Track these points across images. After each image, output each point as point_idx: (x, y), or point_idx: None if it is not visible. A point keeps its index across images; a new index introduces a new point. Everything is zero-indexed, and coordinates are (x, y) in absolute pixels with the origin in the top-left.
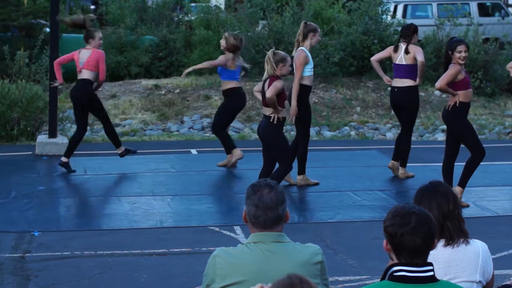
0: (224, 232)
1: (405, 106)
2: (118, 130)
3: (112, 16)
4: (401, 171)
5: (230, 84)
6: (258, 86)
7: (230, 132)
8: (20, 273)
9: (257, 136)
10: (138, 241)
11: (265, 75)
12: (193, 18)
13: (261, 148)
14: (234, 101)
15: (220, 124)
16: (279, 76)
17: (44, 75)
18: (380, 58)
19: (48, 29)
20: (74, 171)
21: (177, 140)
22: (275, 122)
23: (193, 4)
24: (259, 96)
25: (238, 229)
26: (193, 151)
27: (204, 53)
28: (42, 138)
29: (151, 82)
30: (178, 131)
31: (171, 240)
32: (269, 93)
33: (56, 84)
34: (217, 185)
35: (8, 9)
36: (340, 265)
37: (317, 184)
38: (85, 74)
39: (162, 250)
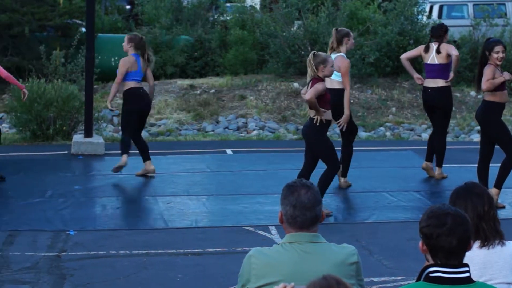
0: (259, 232)
1: (440, 106)
2: (153, 129)
3: (148, 16)
4: (437, 171)
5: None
6: (305, 89)
7: (265, 132)
8: (56, 272)
9: (292, 136)
10: (173, 241)
11: (308, 77)
12: (228, 18)
13: (303, 149)
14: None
15: (123, 128)
16: (322, 77)
17: (79, 75)
18: (410, 57)
19: (83, 29)
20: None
21: (212, 140)
22: (317, 124)
23: (228, 4)
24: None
25: (273, 229)
26: (228, 151)
27: (239, 53)
28: (77, 137)
29: (187, 82)
30: (213, 131)
31: (206, 240)
32: (308, 95)
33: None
34: (252, 185)
35: (44, 9)
36: (375, 266)
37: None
38: None
39: (197, 250)
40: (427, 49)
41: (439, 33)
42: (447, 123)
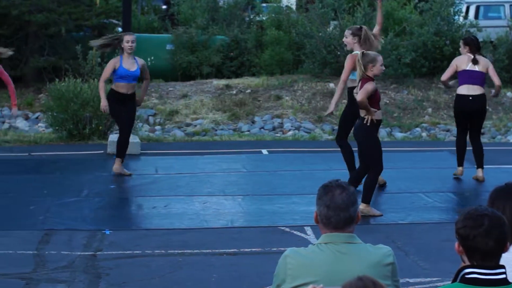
0: (295, 232)
1: (480, 113)
2: (189, 129)
3: (184, 16)
4: (481, 173)
5: None
6: (356, 88)
7: (301, 132)
8: (92, 271)
9: (328, 137)
10: (209, 241)
11: (358, 77)
12: (264, 18)
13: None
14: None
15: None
16: (371, 77)
17: None
18: (449, 76)
19: (120, 29)
20: None
21: (248, 140)
22: (368, 124)
23: (264, 4)
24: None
25: (308, 229)
26: (264, 151)
27: (275, 53)
28: (113, 137)
29: (222, 82)
30: (249, 131)
31: (241, 240)
32: (359, 96)
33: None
34: (288, 185)
35: (81, 9)
36: (411, 267)
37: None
38: None
39: (232, 250)
40: (462, 58)
41: (477, 45)
42: (482, 125)
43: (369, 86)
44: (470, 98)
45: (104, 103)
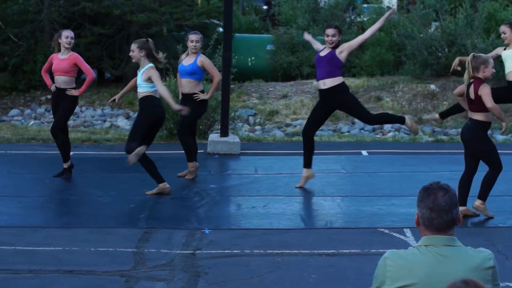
0: (394, 234)
1: None
2: (289, 130)
3: (285, 16)
4: None
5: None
6: (459, 89)
7: (401, 134)
8: (191, 270)
9: (428, 139)
10: (308, 241)
11: (466, 79)
12: (365, 19)
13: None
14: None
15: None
16: (482, 78)
17: None
18: None
19: (221, 29)
20: None
21: (348, 141)
22: (504, 131)
23: (365, 5)
24: (459, 99)
25: (408, 231)
26: (364, 153)
27: (376, 54)
28: (213, 136)
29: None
30: (348, 132)
31: (340, 241)
32: (489, 103)
33: None
34: (387, 187)
35: (182, 9)
36: (511, 271)
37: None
38: None
39: (331, 251)
40: None
41: None
42: None
43: (487, 89)
44: None
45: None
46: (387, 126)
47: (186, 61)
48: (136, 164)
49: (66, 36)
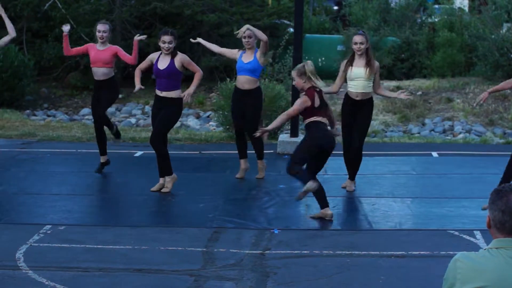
0: (464, 236)
1: None
2: None
3: (355, 17)
4: None
5: None
6: None
7: (472, 135)
8: (260, 270)
9: (499, 140)
10: (377, 242)
11: None
12: (436, 20)
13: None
14: None
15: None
16: None
17: (287, 75)
18: None
19: (291, 29)
20: None
21: (418, 142)
22: None
23: (436, 6)
24: None
25: (478, 234)
26: (434, 154)
27: (447, 55)
28: (283, 137)
29: (393, 83)
30: (419, 133)
31: (410, 243)
32: None
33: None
34: (457, 188)
35: (252, 9)
36: None
37: None
38: None
39: (400, 252)
40: None
41: None
42: None
43: None
44: None
45: None
46: (457, 127)
47: (245, 58)
48: (206, 164)
49: (99, 30)
